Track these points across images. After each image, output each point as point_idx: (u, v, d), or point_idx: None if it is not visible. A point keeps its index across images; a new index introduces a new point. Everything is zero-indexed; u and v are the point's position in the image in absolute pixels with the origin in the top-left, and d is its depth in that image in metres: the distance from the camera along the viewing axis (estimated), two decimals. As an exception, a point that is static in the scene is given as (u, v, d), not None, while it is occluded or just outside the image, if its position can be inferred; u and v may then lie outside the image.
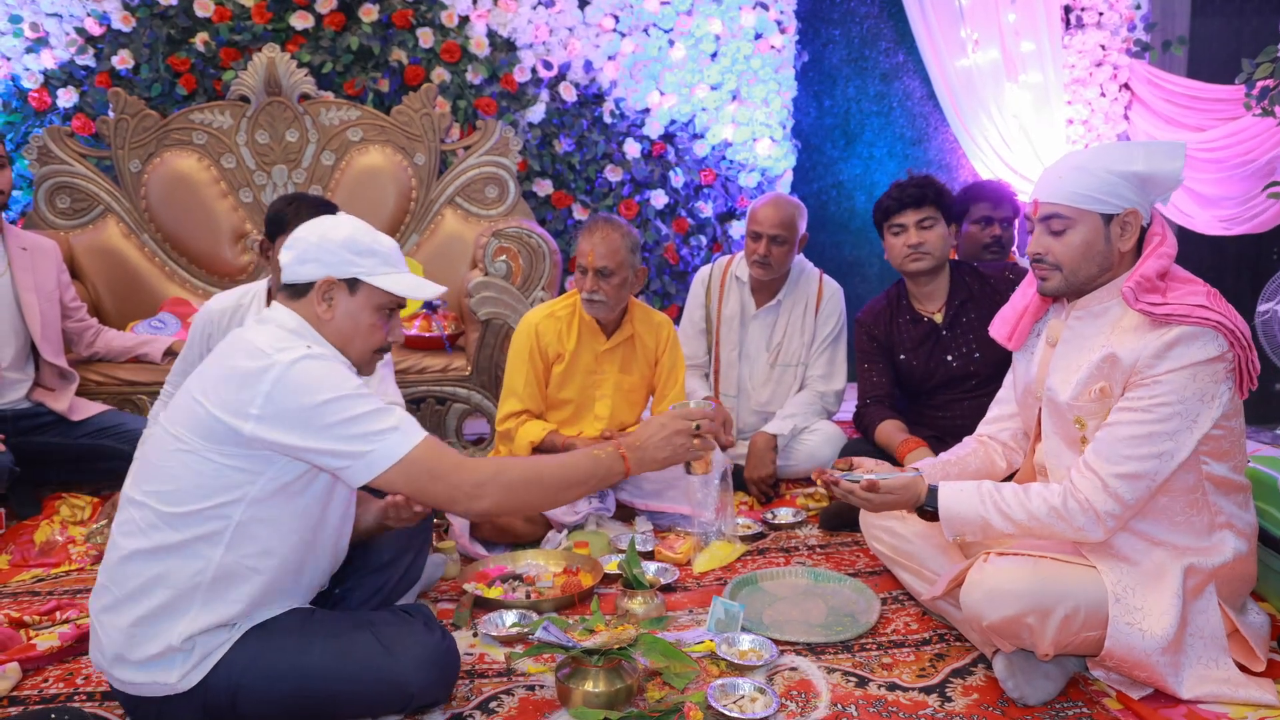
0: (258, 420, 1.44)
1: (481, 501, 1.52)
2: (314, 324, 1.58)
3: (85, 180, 3.51)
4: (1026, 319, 1.89)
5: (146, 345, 3.10)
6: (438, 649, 1.59)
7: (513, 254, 3.19)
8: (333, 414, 1.45)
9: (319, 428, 1.44)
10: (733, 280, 3.07)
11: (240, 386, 1.45)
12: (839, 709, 1.65)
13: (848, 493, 1.79)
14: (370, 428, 1.46)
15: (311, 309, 1.58)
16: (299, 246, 1.58)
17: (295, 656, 1.51)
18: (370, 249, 1.59)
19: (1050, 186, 1.70)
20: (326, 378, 1.47)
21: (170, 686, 1.47)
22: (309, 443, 1.45)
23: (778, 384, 3.06)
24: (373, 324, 1.61)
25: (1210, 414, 1.59)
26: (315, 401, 1.44)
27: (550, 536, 2.46)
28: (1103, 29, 4.36)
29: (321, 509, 1.58)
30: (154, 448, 1.53)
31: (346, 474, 1.49)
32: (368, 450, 1.46)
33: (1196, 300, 1.59)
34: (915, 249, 2.49)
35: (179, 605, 1.47)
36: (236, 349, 1.51)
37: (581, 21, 3.98)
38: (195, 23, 3.72)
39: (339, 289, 1.58)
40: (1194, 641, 1.63)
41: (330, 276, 1.56)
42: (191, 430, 1.48)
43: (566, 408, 2.73)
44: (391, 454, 1.47)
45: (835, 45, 4.52)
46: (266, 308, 1.61)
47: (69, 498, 2.76)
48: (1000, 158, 4.38)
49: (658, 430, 1.64)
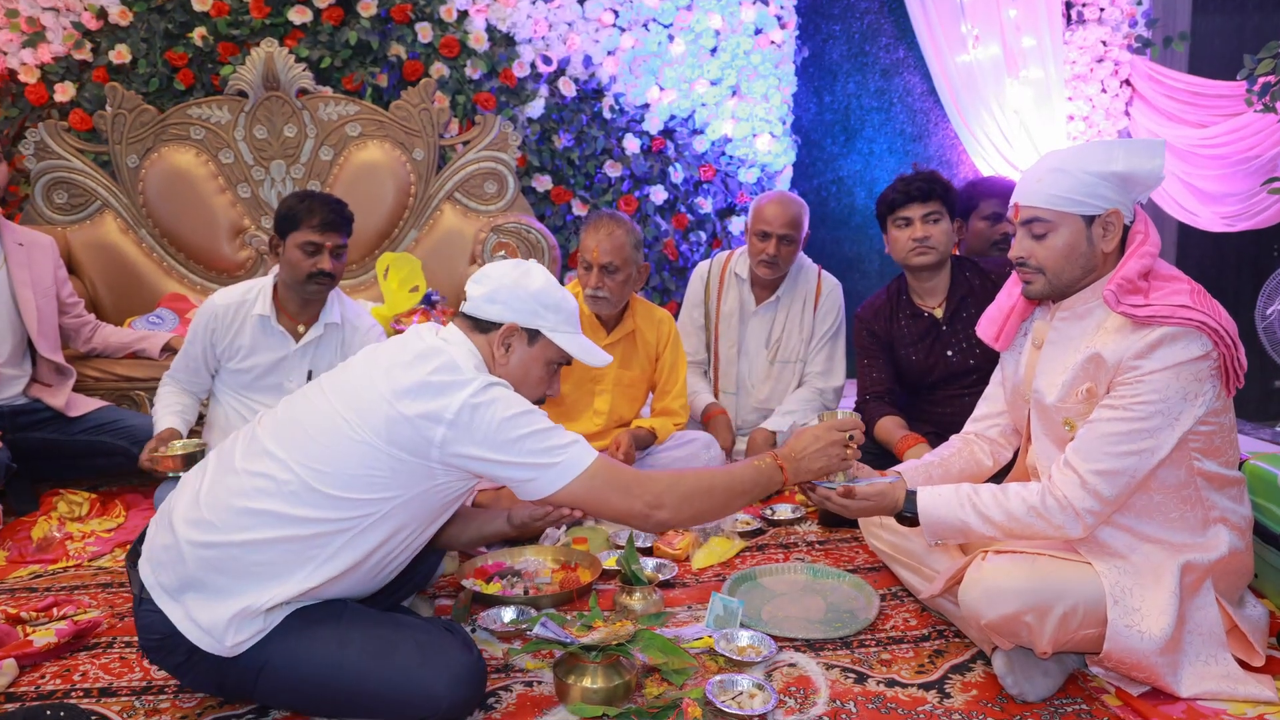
0: (450, 426, 1.48)
1: (661, 512, 1.59)
2: (488, 361, 1.63)
3: (83, 175, 3.50)
4: (1013, 319, 1.89)
5: (144, 341, 3.09)
6: (475, 669, 1.59)
7: (512, 249, 3.18)
8: (521, 428, 1.51)
9: (507, 441, 1.50)
10: (732, 277, 3.06)
11: (437, 393, 1.49)
12: (838, 705, 1.65)
13: (824, 499, 1.78)
14: (554, 442, 1.54)
15: (489, 348, 1.63)
16: (490, 285, 1.63)
17: (332, 649, 1.51)
18: (558, 305, 1.65)
19: (1030, 190, 1.68)
20: (514, 398, 1.55)
21: (217, 645, 1.47)
22: (497, 455, 1.50)
23: (777, 381, 3.05)
24: (541, 378, 1.68)
25: (1193, 412, 1.58)
26: (506, 415, 1.50)
27: (548, 533, 2.45)
28: (1104, 25, 4.34)
29: (436, 518, 1.65)
30: (318, 424, 1.53)
31: (530, 486, 1.55)
32: (555, 463, 1.53)
33: (1179, 300, 1.58)
34: (920, 243, 2.48)
35: (282, 574, 1.49)
36: (429, 358, 1.53)
37: (581, 16, 3.97)
38: (193, 17, 3.70)
39: (519, 337, 1.64)
40: (1192, 639, 1.63)
41: (515, 324, 1.62)
42: (370, 425, 1.49)
43: (563, 403, 2.72)
44: (576, 466, 1.54)
45: (835, 40, 4.51)
46: (445, 328, 1.65)
47: (66, 494, 2.75)
48: (1001, 154, 4.37)
49: (812, 442, 1.72)
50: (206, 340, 2.43)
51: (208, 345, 2.45)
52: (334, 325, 2.49)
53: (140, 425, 2.79)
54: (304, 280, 2.37)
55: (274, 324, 2.43)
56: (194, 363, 2.49)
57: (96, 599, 2.18)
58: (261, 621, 1.49)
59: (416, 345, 1.57)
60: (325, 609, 1.56)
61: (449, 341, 1.59)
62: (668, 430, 2.77)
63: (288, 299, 2.45)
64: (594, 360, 1.70)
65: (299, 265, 2.36)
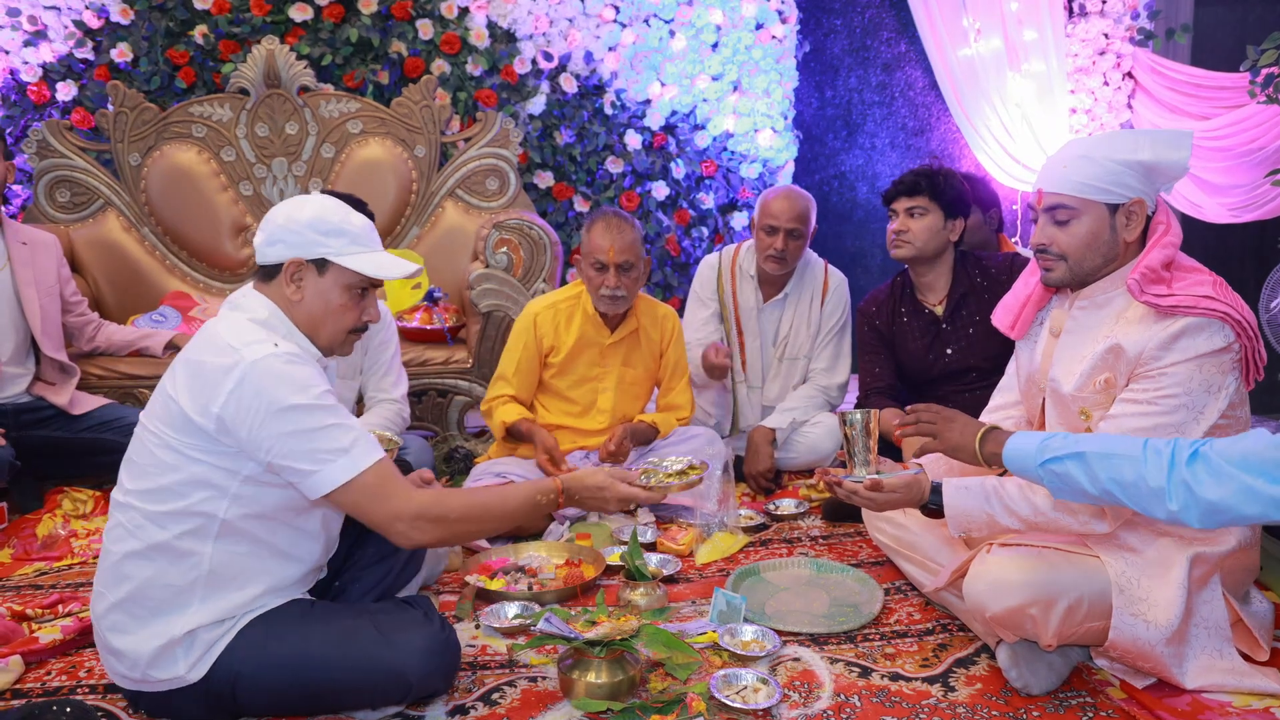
0: (218, 419, 1.44)
1: (419, 533, 1.53)
2: (284, 307, 1.56)
3: (85, 174, 3.50)
4: (1029, 308, 1.88)
5: (147, 339, 3.09)
6: (437, 638, 1.58)
7: (514, 246, 3.18)
8: (289, 424, 1.44)
9: (275, 436, 1.44)
10: (740, 272, 3.03)
11: (206, 383, 1.45)
12: (842, 699, 1.65)
13: (851, 493, 1.77)
14: (322, 445, 1.46)
15: (281, 291, 1.56)
16: (267, 228, 1.56)
17: (295, 645, 1.52)
18: (338, 228, 1.56)
19: (1055, 176, 1.68)
20: (289, 381, 1.45)
21: (179, 679, 1.49)
22: (264, 448, 1.45)
23: (786, 377, 3.04)
24: (344, 305, 1.59)
25: (1217, 405, 1.57)
26: (275, 409, 1.43)
27: (552, 528, 2.46)
28: (1105, 17, 4.33)
29: (311, 508, 1.59)
30: (137, 446, 1.53)
31: (300, 488, 1.49)
32: (315, 470, 1.46)
33: (1203, 290, 1.57)
34: (897, 235, 2.51)
35: (178, 602, 1.49)
36: (206, 344, 1.51)
37: (582, 12, 3.96)
38: (194, 15, 3.71)
39: (307, 270, 1.56)
40: (1198, 632, 1.62)
41: (298, 258, 1.54)
42: (168, 425, 1.48)
43: (575, 405, 2.73)
44: (340, 475, 1.47)
45: (837, 35, 4.50)
46: (243, 290, 1.60)
47: (71, 491, 2.76)
48: (1003, 147, 4.36)
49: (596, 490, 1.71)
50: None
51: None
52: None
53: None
54: None
55: None
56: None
57: (101, 596, 2.19)
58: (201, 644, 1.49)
59: (199, 337, 1.54)
60: (286, 611, 1.56)
61: (236, 307, 1.55)
62: (670, 425, 2.77)
63: None
64: (394, 273, 1.58)
65: None
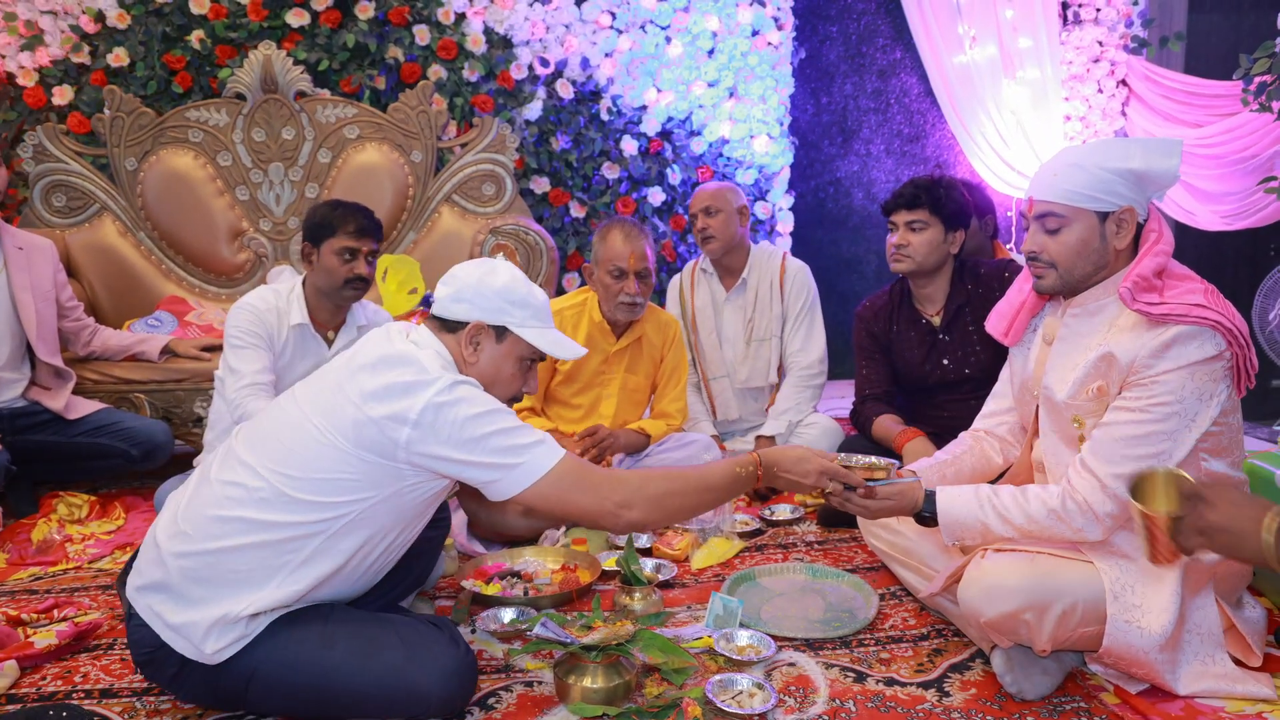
0: (414, 427, 1.47)
1: (631, 512, 1.57)
2: (458, 362, 1.62)
3: (81, 178, 3.50)
4: (1023, 315, 1.89)
5: (143, 344, 3.09)
6: (462, 663, 1.59)
7: (510, 251, 3.18)
8: (485, 427, 1.50)
9: (471, 440, 1.49)
10: (700, 274, 3.18)
11: (402, 395, 1.48)
12: (837, 704, 1.65)
13: (845, 500, 1.78)
14: (519, 441, 1.52)
15: (458, 347, 1.62)
16: (456, 285, 1.63)
17: (318, 650, 1.52)
18: (524, 300, 1.63)
19: (1045, 184, 1.68)
20: (481, 396, 1.54)
21: (199, 652, 1.49)
22: (461, 454, 1.49)
23: (755, 359, 3.11)
24: (513, 374, 1.67)
25: (1208, 413, 1.58)
26: (470, 414, 1.49)
27: (548, 533, 2.46)
28: (1100, 25, 4.36)
29: (418, 517, 1.64)
30: (290, 431, 1.54)
31: (496, 486, 1.53)
32: (519, 463, 1.51)
33: (1194, 299, 1.58)
34: (898, 249, 2.50)
35: (258, 580, 1.50)
36: (395, 361, 1.53)
37: (578, 18, 3.98)
38: (191, 20, 3.71)
39: (487, 335, 1.63)
40: (1191, 638, 1.63)
41: (481, 322, 1.61)
42: (339, 429, 1.50)
43: (578, 410, 2.73)
44: (541, 466, 1.52)
45: (832, 42, 4.52)
46: (415, 329, 1.65)
47: (66, 496, 2.75)
48: (998, 154, 4.39)
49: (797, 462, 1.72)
50: (265, 340, 2.35)
51: (267, 345, 2.36)
52: (365, 329, 2.50)
53: (139, 427, 2.79)
54: (341, 286, 2.38)
55: (312, 332, 2.43)
56: (265, 361, 2.34)
57: (97, 601, 2.18)
58: (243, 628, 1.50)
59: (384, 348, 1.56)
60: (311, 612, 1.57)
61: (418, 344, 1.59)
62: (661, 431, 2.78)
63: (320, 306, 2.44)
64: (566, 353, 1.68)
65: (336, 271, 2.37)
